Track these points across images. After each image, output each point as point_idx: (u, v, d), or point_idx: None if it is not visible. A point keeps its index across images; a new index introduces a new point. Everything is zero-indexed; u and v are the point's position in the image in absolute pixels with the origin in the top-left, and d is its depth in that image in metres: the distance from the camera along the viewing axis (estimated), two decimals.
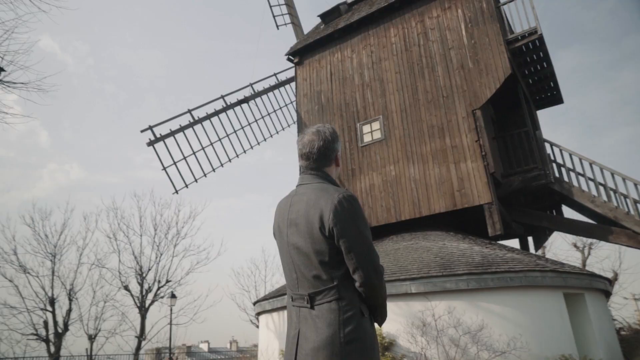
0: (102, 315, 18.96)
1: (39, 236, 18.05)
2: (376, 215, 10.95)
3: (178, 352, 39.41)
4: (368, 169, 11.45)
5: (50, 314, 17.36)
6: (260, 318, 11.13)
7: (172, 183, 11.09)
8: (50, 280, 17.66)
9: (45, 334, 17.05)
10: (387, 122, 11.45)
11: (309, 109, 13.30)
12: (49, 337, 17.07)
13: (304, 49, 13.88)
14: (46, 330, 17.11)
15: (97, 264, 19.02)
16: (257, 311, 11.06)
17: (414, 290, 7.81)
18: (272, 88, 14.11)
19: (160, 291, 19.88)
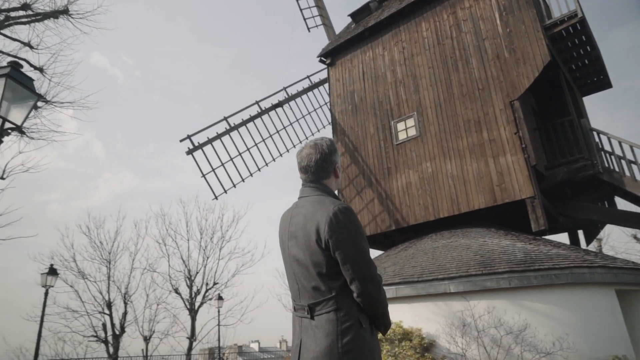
0: (156, 317, 19.83)
1: (95, 243, 19.15)
2: (414, 214, 10.79)
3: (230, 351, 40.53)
4: (404, 167, 11.30)
5: (108, 317, 18.36)
6: None
7: (211, 189, 11.44)
8: (106, 285, 18.68)
9: (104, 335, 18.04)
10: (422, 119, 11.25)
11: (342, 109, 13.31)
12: (108, 339, 18.06)
13: (335, 49, 13.89)
14: (105, 332, 18.11)
15: (149, 269, 19.93)
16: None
17: (453, 289, 7.64)
18: (306, 90, 14.22)
19: (208, 293, 20.55)
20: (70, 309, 18.00)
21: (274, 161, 13.01)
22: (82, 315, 18.22)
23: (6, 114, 3.77)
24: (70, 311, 17.95)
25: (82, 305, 18.26)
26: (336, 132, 13.29)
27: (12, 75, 3.67)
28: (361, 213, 11.90)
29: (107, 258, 18.95)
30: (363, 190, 12.06)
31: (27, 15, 8.11)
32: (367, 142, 12.30)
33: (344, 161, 12.77)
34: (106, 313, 18.37)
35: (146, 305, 19.75)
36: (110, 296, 18.58)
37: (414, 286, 8.08)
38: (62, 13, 8.59)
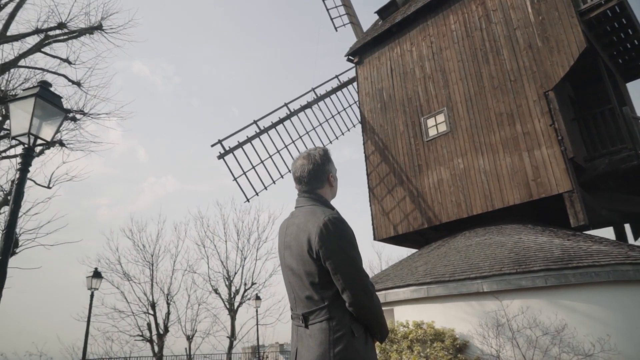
0: (197, 317, 20.44)
1: (138, 246, 19.97)
2: (446, 211, 10.57)
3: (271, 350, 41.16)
4: (435, 163, 11.09)
5: (152, 317, 19.09)
6: None
7: (243, 192, 11.66)
8: (150, 286, 19.44)
9: (149, 335, 18.78)
10: (452, 114, 11.00)
11: (371, 108, 13.22)
12: (153, 338, 18.78)
13: (363, 47, 13.81)
14: (150, 331, 18.84)
15: (189, 270, 20.56)
16: None
17: (486, 289, 7.44)
18: (335, 90, 14.22)
19: (247, 293, 20.98)
20: (117, 310, 18.86)
21: None
22: (128, 316, 19.05)
23: (38, 131, 4.03)
24: (117, 312, 18.81)
25: (128, 306, 19.09)
26: (366, 131, 13.22)
27: (40, 94, 3.92)
28: (393, 211, 11.79)
29: (149, 260, 19.72)
30: (394, 188, 11.93)
31: (64, 33, 8.56)
32: (397, 140, 12.16)
33: (374, 160, 12.69)
34: (150, 313, 19.11)
35: (188, 305, 20.41)
36: (153, 297, 19.33)
37: (446, 286, 7.93)
38: (96, 29, 9.01)
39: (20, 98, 3.98)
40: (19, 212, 4.05)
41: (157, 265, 19.96)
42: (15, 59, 8.16)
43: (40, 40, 8.42)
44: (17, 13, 8.41)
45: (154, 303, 19.28)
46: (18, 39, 8.01)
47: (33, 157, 4.04)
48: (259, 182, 11.99)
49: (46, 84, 4.13)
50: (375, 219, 12.25)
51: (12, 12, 8.34)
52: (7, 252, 3.59)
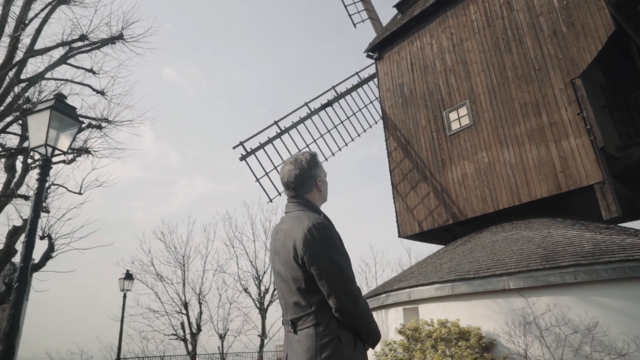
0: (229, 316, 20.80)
1: (169, 248, 20.47)
2: (471, 206, 10.33)
3: None
4: (459, 158, 10.85)
5: (185, 316, 19.56)
6: None
7: (266, 193, 11.74)
8: (182, 286, 19.91)
9: (183, 334, 19.25)
10: (475, 106, 10.72)
11: (392, 103, 13.06)
12: (186, 337, 19.25)
13: (382, 43, 13.65)
14: (183, 330, 19.32)
15: (219, 270, 20.94)
16: None
17: (512, 285, 7.22)
18: (355, 87, 14.11)
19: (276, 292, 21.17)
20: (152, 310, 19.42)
21: (326, 161, 13.07)
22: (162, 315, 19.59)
23: (55, 142, 4.18)
24: (152, 311, 19.37)
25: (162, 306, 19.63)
26: (387, 127, 13.07)
27: (55, 106, 4.06)
28: (417, 208, 11.62)
29: (181, 261, 20.19)
30: (418, 184, 11.75)
31: (87, 45, 8.85)
32: (419, 135, 11.97)
33: (397, 156, 12.53)
34: (183, 313, 19.58)
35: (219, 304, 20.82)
36: (186, 297, 19.80)
37: (471, 283, 7.74)
38: (117, 39, 9.26)
39: (37, 111, 4.14)
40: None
41: (188, 266, 20.42)
42: (43, 71, 8.50)
43: (65, 53, 8.73)
44: (43, 28, 8.75)
45: (187, 303, 19.74)
46: (44, 52, 8.33)
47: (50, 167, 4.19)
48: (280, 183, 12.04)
49: (61, 96, 4.28)
50: (399, 215, 12.11)
51: (38, 27, 8.68)
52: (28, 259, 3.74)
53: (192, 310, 19.84)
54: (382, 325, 9.65)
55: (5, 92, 7.79)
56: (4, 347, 3.37)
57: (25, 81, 7.99)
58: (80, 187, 10.67)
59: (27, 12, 8.26)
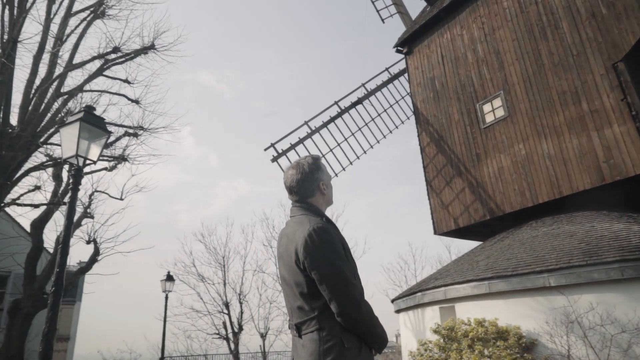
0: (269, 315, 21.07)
1: (209, 249, 20.97)
2: (509, 201, 9.96)
3: None
4: (494, 151, 10.49)
5: (227, 316, 19.98)
6: (399, 316, 11.10)
7: None
8: (223, 286, 20.34)
9: (225, 333, 19.68)
10: (510, 97, 10.33)
11: (424, 98, 12.80)
12: (228, 336, 19.67)
13: (411, 37, 13.41)
14: (225, 330, 19.74)
15: (258, 270, 21.22)
16: (395, 309, 11.05)
17: (553, 283, 6.90)
18: (385, 84, 13.93)
19: None
20: (195, 310, 19.96)
21: (358, 159, 12.97)
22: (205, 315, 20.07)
23: (86, 153, 4.37)
24: (195, 311, 19.90)
25: (204, 306, 20.14)
26: (419, 123, 12.83)
27: (84, 118, 4.26)
28: (452, 204, 11.34)
29: (221, 262, 20.63)
30: (452, 180, 11.47)
31: (121, 56, 9.21)
32: (452, 129, 11.67)
33: (430, 152, 12.28)
34: (225, 312, 19.99)
35: (259, 304, 21.07)
36: (227, 297, 20.21)
37: (509, 281, 7.47)
38: (149, 48, 9.59)
39: (68, 123, 4.35)
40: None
41: (228, 266, 20.82)
42: (81, 84, 8.92)
43: (101, 65, 9.13)
44: (80, 42, 9.19)
45: (228, 303, 20.14)
46: (81, 66, 8.74)
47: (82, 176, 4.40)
48: None
49: (90, 108, 4.48)
50: (434, 212, 11.86)
51: (75, 42, 9.12)
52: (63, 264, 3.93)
53: (233, 310, 20.22)
54: (418, 324, 9.49)
55: (48, 105, 8.23)
56: (43, 347, 3.57)
57: (65, 94, 8.40)
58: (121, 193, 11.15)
59: (64, 28, 8.69)
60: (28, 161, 7.75)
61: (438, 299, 8.64)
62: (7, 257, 9.26)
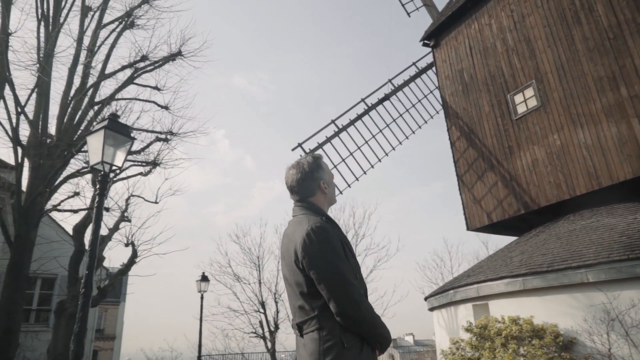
0: None
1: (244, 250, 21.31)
2: (544, 194, 9.59)
3: None
4: (527, 142, 10.12)
5: (263, 315, 20.25)
6: (433, 314, 10.92)
7: None
8: (258, 286, 20.63)
9: (262, 331, 19.97)
10: (542, 86, 9.93)
11: (453, 91, 12.51)
12: (265, 335, 19.95)
13: (438, 29, 13.12)
14: (262, 328, 20.02)
15: None
16: (428, 307, 10.88)
17: (591, 279, 6.60)
18: (413, 78, 13.70)
19: None
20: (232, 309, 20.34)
21: (387, 156, 12.83)
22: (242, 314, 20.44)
23: (112, 159, 4.55)
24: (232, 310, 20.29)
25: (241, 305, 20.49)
26: (449, 116, 12.55)
27: (109, 126, 4.43)
28: (485, 199, 11.03)
29: (255, 262, 20.93)
30: (484, 174, 11.15)
31: (150, 64, 9.50)
32: (483, 122, 11.34)
33: (460, 146, 11.99)
34: (261, 311, 20.26)
35: None
36: (262, 296, 20.49)
37: (544, 277, 7.19)
38: (176, 55, 9.84)
39: (94, 131, 4.53)
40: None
41: (263, 266, 21.09)
42: (113, 93, 9.27)
43: (132, 74, 9.45)
44: (111, 53, 9.55)
45: (264, 302, 20.41)
46: (112, 75, 9.09)
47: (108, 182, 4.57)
48: (342, 180, 12.06)
49: (115, 116, 4.65)
50: (466, 208, 11.58)
51: (107, 53, 9.49)
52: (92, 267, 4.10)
53: (269, 309, 20.47)
54: (451, 322, 9.30)
55: (83, 115, 8.60)
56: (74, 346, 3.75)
57: (98, 103, 8.76)
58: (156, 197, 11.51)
59: (95, 40, 9.05)
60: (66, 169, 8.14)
61: (471, 296, 8.43)
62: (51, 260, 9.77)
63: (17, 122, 7.38)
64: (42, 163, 7.37)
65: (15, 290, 6.99)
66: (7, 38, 7.82)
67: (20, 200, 7.42)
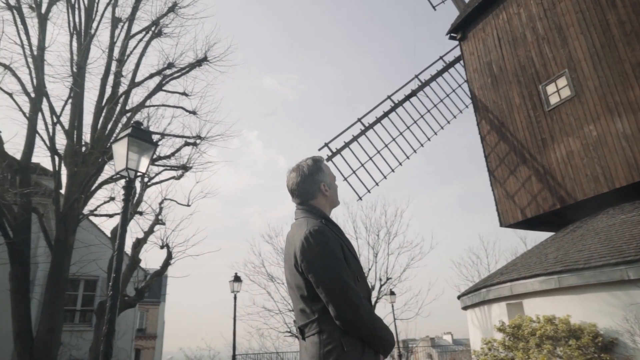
0: None
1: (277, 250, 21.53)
2: (581, 187, 9.18)
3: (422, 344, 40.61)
4: (561, 134, 9.72)
5: None
6: (466, 313, 10.68)
7: (355, 191, 11.75)
8: None
9: None
10: (576, 75, 9.51)
11: (482, 84, 12.18)
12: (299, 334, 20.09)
13: (465, 21, 12.80)
14: None
15: None
16: (461, 306, 10.65)
17: (632, 276, 6.28)
18: (440, 73, 13.42)
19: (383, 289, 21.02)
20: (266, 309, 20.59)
21: (415, 153, 12.64)
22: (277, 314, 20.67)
23: (137, 165, 4.70)
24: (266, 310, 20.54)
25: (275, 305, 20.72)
26: (478, 110, 12.23)
27: (132, 134, 4.58)
28: (518, 194, 10.68)
29: None
30: (517, 168, 10.79)
31: (177, 71, 9.75)
32: (514, 115, 10.98)
33: (491, 140, 11.66)
34: None
35: None
36: None
37: (581, 274, 6.89)
38: (202, 61, 10.05)
39: (119, 139, 4.70)
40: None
41: None
42: (143, 100, 9.57)
43: (160, 81, 9.72)
44: (141, 62, 9.86)
45: None
46: (142, 83, 9.39)
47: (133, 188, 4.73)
48: (370, 179, 11.97)
49: (138, 123, 4.80)
50: (499, 203, 11.24)
51: (137, 62, 9.80)
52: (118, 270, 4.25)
53: None
54: (485, 321, 9.07)
55: (115, 123, 8.93)
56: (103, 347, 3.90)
57: (129, 111, 9.07)
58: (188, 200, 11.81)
59: (125, 50, 9.37)
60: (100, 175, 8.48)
61: (504, 295, 8.19)
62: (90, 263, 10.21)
63: (54, 132, 7.76)
64: (77, 170, 7.70)
65: (56, 292, 7.35)
66: (43, 53, 8.22)
67: (59, 206, 7.79)
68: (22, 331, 6.97)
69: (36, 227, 8.14)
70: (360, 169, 11.88)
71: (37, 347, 6.89)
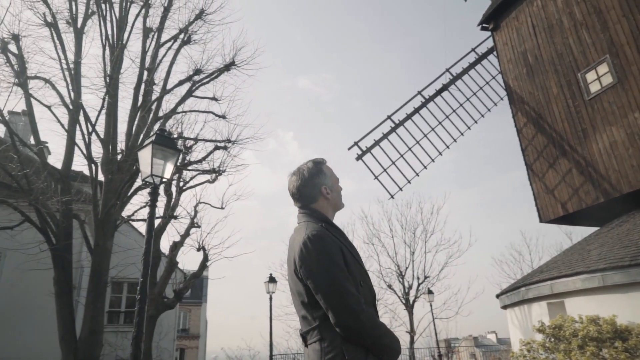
0: None
1: None
2: (626, 179, 8.65)
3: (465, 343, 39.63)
4: (603, 124, 9.20)
5: None
6: (506, 312, 10.31)
7: (386, 189, 11.60)
8: None
9: None
10: (618, 60, 8.97)
11: (516, 75, 11.71)
12: None
13: (497, 10, 12.36)
14: None
15: None
16: (500, 305, 10.29)
17: None
18: (472, 65, 13.02)
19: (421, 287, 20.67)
20: None
21: (448, 148, 12.33)
22: None
23: (162, 172, 4.81)
24: None
25: None
26: (513, 102, 11.77)
27: (156, 141, 4.70)
28: (558, 188, 10.19)
29: None
30: (556, 161, 10.31)
31: (206, 76, 9.94)
32: (552, 105, 10.48)
33: (528, 132, 11.19)
34: None
35: None
36: None
37: (627, 272, 6.49)
38: (230, 65, 10.20)
39: (144, 146, 4.83)
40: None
41: None
42: (174, 107, 9.82)
43: (190, 87, 9.94)
44: (172, 69, 10.13)
45: None
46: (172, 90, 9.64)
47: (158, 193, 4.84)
48: (402, 176, 11.79)
49: (162, 131, 4.92)
50: (538, 198, 10.77)
51: (168, 69, 10.07)
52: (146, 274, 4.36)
53: None
54: (525, 321, 8.71)
55: (148, 130, 9.20)
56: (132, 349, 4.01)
57: (161, 118, 9.33)
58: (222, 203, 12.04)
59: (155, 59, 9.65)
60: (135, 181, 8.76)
61: (544, 294, 7.84)
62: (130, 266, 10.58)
63: (89, 141, 8.09)
64: (113, 178, 7.99)
65: (97, 295, 7.65)
66: (79, 67, 8.60)
67: (98, 213, 8.11)
68: (66, 333, 7.30)
69: (78, 233, 8.52)
70: (391, 167, 11.72)
71: (80, 348, 7.20)
